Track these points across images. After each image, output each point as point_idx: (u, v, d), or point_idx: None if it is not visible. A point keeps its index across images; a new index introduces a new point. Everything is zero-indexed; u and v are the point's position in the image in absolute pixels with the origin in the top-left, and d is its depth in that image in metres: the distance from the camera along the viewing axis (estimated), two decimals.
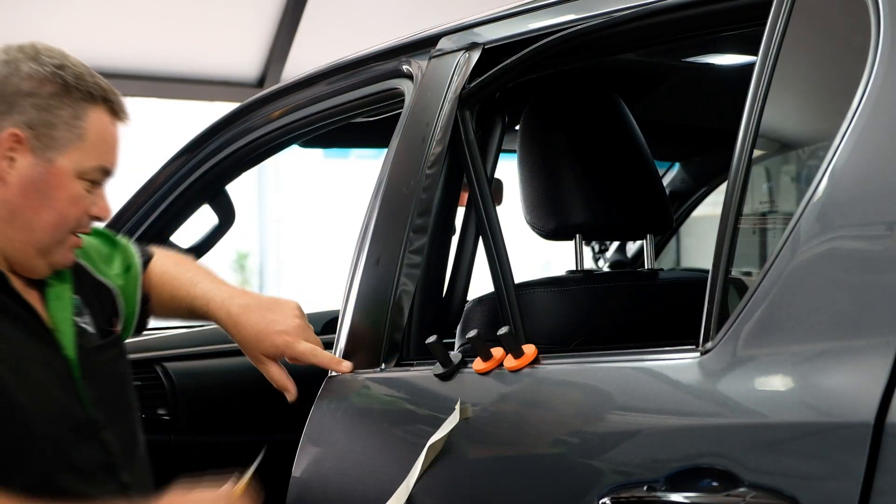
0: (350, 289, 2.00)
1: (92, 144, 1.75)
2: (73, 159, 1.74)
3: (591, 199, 2.12)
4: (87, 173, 1.76)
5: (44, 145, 1.73)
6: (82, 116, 1.75)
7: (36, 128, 1.72)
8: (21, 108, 1.72)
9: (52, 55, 1.76)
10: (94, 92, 1.76)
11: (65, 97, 1.74)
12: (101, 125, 1.77)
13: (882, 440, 1.25)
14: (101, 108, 1.77)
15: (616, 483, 1.48)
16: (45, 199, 1.73)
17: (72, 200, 1.75)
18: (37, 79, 1.73)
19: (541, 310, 2.02)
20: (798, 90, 1.53)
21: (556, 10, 1.89)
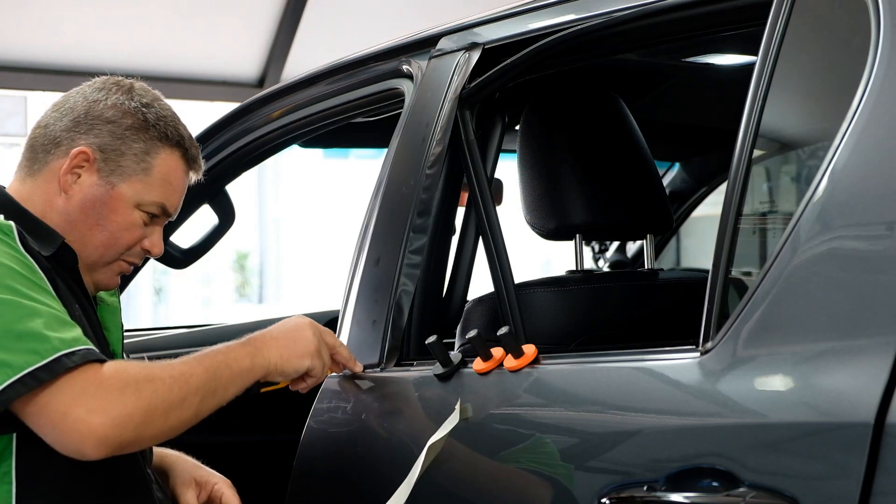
0: (350, 289, 2.00)
1: (156, 181, 1.84)
2: (135, 189, 1.82)
3: (591, 199, 2.12)
4: (145, 206, 1.84)
5: (109, 169, 1.81)
6: (153, 153, 1.83)
7: (106, 152, 1.81)
8: (98, 132, 1.81)
9: (144, 94, 1.86)
10: (170, 135, 1.85)
11: (142, 132, 1.83)
12: (168, 166, 1.85)
13: (882, 440, 1.25)
14: (175, 151, 1.86)
15: (616, 483, 1.48)
16: (100, 218, 1.81)
17: (125, 226, 1.83)
18: (121, 110, 1.83)
19: (541, 310, 2.02)
20: (798, 90, 1.53)
21: (556, 10, 1.89)
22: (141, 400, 1.62)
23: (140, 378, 1.64)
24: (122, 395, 1.61)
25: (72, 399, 1.59)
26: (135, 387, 1.62)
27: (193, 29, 6.31)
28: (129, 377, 1.63)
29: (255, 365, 1.76)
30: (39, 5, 5.84)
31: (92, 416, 1.59)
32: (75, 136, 1.81)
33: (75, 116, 1.82)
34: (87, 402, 1.59)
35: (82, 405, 1.59)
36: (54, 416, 1.59)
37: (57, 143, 1.82)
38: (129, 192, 1.82)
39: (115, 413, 1.60)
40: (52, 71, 6.03)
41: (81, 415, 1.59)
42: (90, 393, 1.60)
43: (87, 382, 1.60)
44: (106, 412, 1.59)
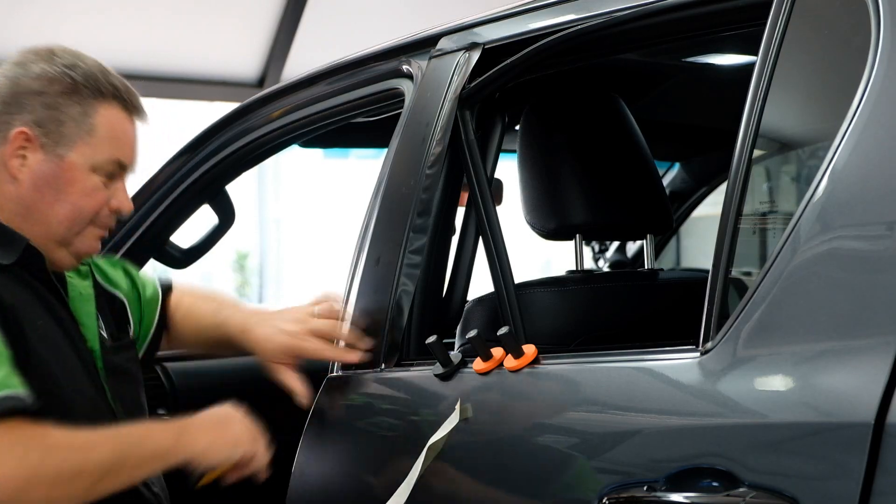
0: (350, 289, 2.00)
1: (102, 139, 1.79)
2: (84, 154, 1.77)
3: (591, 199, 2.12)
4: (100, 167, 1.79)
5: (53, 142, 1.76)
6: (91, 113, 1.78)
7: (45, 125, 1.76)
8: (30, 108, 1.76)
9: (65, 56, 1.80)
10: (103, 89, 1.79)
11: (73, 95, 1.77)
12: (112, 120, 1.80)
13: (882, 440, 1.25)
14: (113, 104, 1.80)
15: (616, 483, 1.48)
16: (58, 193, 1.77)
17: (86, 193, 1.78)
18: (46, 78, 1.77)
19: (541, 310, 2.02)
20: (798, 90, 1.53)
21: (556, 10, 1.89)
22: (23, 465, 1.55)
23: (34, 442, 1.57)
24: (6, 456, 1.54)
25: None
26: (23, 449, 1.55)
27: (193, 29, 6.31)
28: (22, 437, 1.56)
29: (176, 447, 1.69)
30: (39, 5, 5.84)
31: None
32: (8, 118, 1.76)
33: (2, 99, 1.76)
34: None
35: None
36: None
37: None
38: (80, 158, 1.77)
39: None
40: None
41: None
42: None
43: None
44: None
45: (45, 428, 1.60)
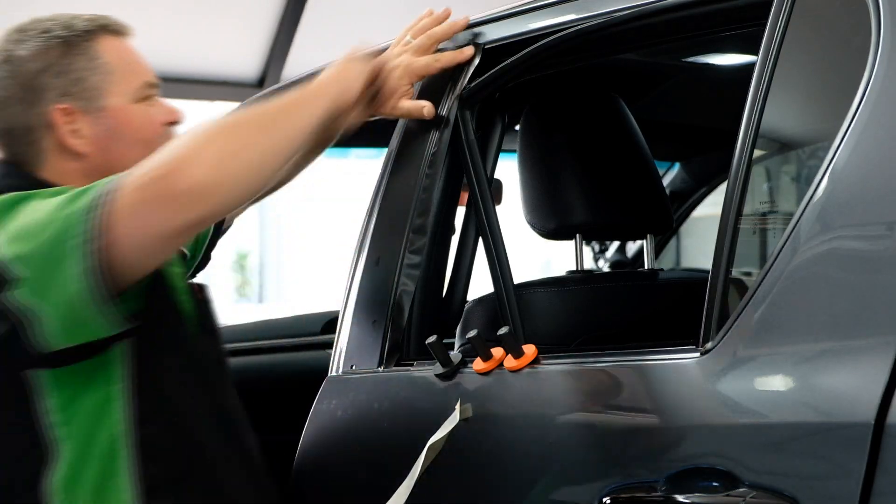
0: (350, 289, 2.00)
1: (121, 70, 1.78)
2: (119, 92, 1.77)
3: (591, 199, 2.12)
4: (137, 94, 1.79)
5: (88, 100, 1.75)
6: (95, 55, 1.77)
7: (70, 91, 1.75)
8: (47, 86, 1.74)
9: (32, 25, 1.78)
10: (88, 28, 1.78)
11: (71, 49, 1.76)
12: (116, 49, 1.80)
13: (882, 440, 1.25)
14: (104, 36, 1.79)
15: (616, 483, 1.48)
16: (124, 140, 1.77)
17: (144, 123, 1.79)
18: (39, 52, 1.75)
19: (541, 310, 2.02)
20: (798, 90, 1.53)
21: (556, 10, 1.89)
22: (225, 142, 1.57)
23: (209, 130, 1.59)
24: (202, 147, 1.55)
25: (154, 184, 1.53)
26: (208, 136, 1.57)
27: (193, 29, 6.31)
28: (194, 135, 1.58)
29: (320, 89, 1.72)
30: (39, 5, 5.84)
31: (187, 178, 1.52)
32: (38, 109, 1.74)
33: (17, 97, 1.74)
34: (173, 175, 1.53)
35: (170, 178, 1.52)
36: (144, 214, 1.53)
37: (28, 128, 1.75)
38: (119, 98, 1.77)
39: (205, 162, 1.54)
40: None
41: (177, 183, 1.52)
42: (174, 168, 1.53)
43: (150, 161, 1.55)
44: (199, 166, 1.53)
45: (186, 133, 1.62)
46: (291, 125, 1.67)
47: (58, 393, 1.63)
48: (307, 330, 3.37)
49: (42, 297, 1.56)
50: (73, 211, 1.56)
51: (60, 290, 1.55)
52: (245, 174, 1.59)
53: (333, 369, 1.99)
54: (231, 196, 1.58)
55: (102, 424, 1.64)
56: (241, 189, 1.59)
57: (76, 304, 1.55)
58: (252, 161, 1.60)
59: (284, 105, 1.69)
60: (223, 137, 1.59)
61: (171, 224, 1.55)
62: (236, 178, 1.58)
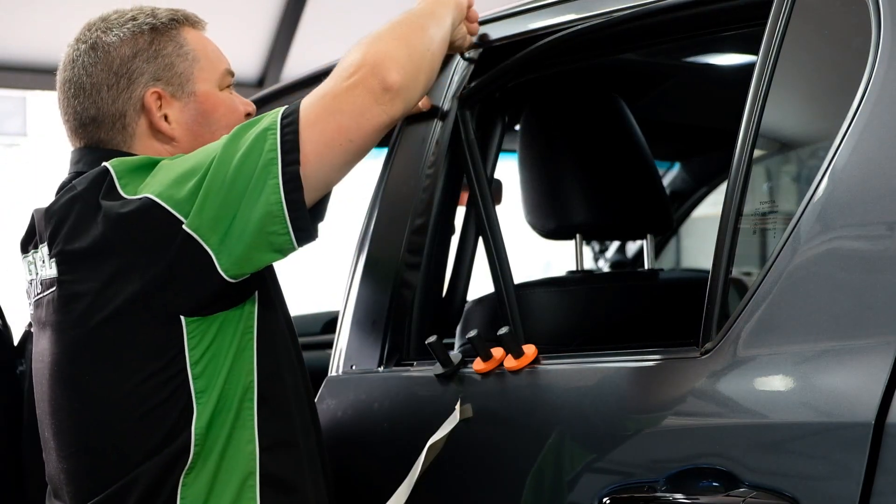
0: (350, 289, 2.00)
1: (206, 58, 1.82)
2: (206, 79, 1.81)
3: (591, 199, 2.12)
4: (221, 82, 1.83)
5: (178, 86, 1.79)
6: (182, 42, 1.81)
7: (161, 76, 1.78)
8: (138, 71, 1.77)
9: (118, 16, 1.80)
10: (174, 17, 1.82)
11: (160, 37, 1.79)
12: (198, 39, 1.84)
13: (882, 440, 1.25)
14: (185, 27, 1.83)
15: (616, 483, 1.48)
16: (211, 125, 1.80)
17: (229, 109, 1.83)
18: (128, 39, 1.78)
19: (541, 310, 2.02)
20: (798, 90, 1.53)
21: (556, 10, 1.89)
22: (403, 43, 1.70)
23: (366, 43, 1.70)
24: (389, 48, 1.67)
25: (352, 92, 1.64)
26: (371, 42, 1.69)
27: None
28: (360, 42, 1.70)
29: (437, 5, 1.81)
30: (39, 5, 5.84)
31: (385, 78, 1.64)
32: (128, 94, 1.76)
33: (108, 83, 1.76)
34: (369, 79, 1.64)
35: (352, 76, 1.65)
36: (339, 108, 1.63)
37: (120, 113, 1.77)
38: (206, 84, 1.80)
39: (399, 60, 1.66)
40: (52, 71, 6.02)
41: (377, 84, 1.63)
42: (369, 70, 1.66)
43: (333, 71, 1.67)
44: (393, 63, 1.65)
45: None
46: (440, 26, 1.78)
47: (198, 343, 1.66)
48: (307, 330, 3.37)
49: (225, 222, 1.60)
50: (253, 137, 1.62)
51: (250, 209, 1.60)
52: (427, 71, 1.74)
53: (333, 369, 1.99)
54: (420, 92, 1.73)
55: (235, 376, 1.67)
56: (425, 85, 1.75)
57: (266, 221, 1.60)
58: (432, 58, 1.74)
59: (425, 11, 1.79)
60: (404, 40, 1.71)
61: (375, 122, 1.66)
62: (423, 73, 1.72)
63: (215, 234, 1.60)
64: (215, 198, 1.60)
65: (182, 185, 1.62)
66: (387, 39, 1.69)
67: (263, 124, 1.63)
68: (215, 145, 1.65)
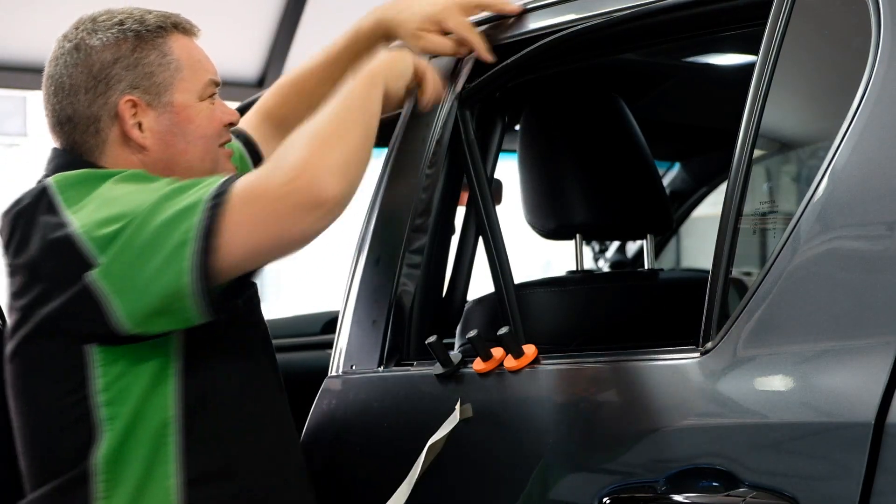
0: (350, 289, 2.00)
1: (190, 68, 1.81)
2: (185, 89, 1.80)
3: (591, 199, 2.12)
4: (202, 93, 1.82)
5: (156, 94, 1.78)
6: (167, 51, 1.80)
7: (139, 85, 1.77)
8: (116, 77, 1.76)
9: (106, 17, 1.80)
10: (161, 24, 1.81)
11: (143, 44, 1.78)
12: (184, 48, 1.83)
13: (882, 440, 1.25)
14: (174, 34, 1.82)
15: (616, 483, 1.48)
16: (185, 136, 1.79)
17: (206, 121, 1.81)
18: (111, 45, 1.77)
19: (541, 310, 2.02)
20: (798, 90, 1.53)
21: (556, 10, 1.89)
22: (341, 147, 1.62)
23: (304, 136, 1.63)
24: (323, 152, 1.61)
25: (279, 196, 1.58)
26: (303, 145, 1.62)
27: None
28: (295, 142, 1.62)
29: (372, 77, 1.75)
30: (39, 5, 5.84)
31: (320, 189, 1.58)
32: (104, 99, 1.76)
33: (85, 86, 1.76)
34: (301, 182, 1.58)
35: (289, 184, 1.58)
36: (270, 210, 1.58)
37: (95, 117, 1.76)
38: (184, 95, 1.79)
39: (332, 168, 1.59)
40: None
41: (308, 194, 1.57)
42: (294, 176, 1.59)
43: (266, 170, 1.61)
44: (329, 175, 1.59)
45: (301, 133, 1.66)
46: (371, 116, 1.73)
47: (108, 371, 1.65)
48: (307, 330, 3.37)
49: (129, 283, 1.59)
50: (179, 209, 1.59)
51: (155, 282, 1.58)
52: (359, 175, 1.67)
53: (333, 369, 1.99)
54: (351, 198, 1.66)
55: (152, 407, 1.66)
56: (356, 190, 1.67)
57: (168, 298, 1.59)
58: (362, 161, 1.67)
59: (353, 101, 1.72)
60: (337, 144, 1.63)
61: (304, 233, 1.61)
62: (356, 180, 1.66)
63: (118, 291, 1.60)
64: (127, 257, 1.59)
65: (106, 225, 1.61)
66: (330, 143, 1.63)
67: (192, 198, 1.60)
68: (148, 196, 1.63)
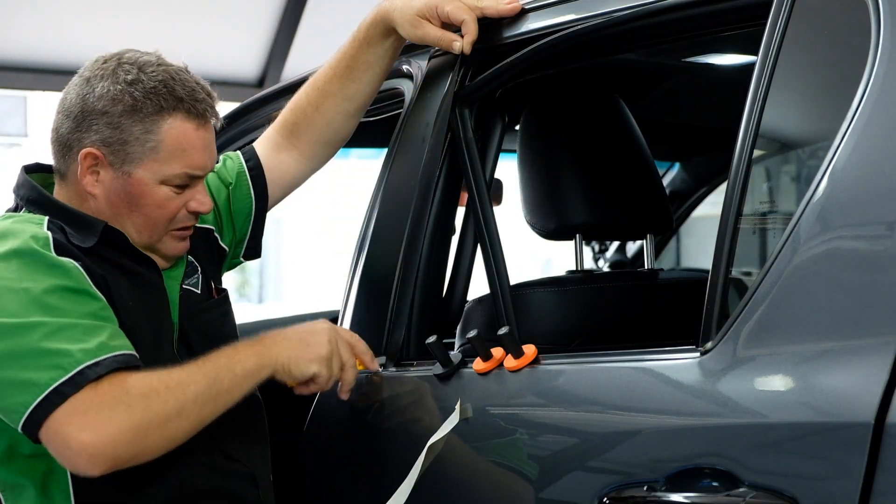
0: (350, 289, 2.00)
1: (169, 154, 1.79)
2: (151, 169, 1.79)
3: (591, 199, 2.12)
4: (169, 180, 1.80)
5: (120, 160, 1.79)
6: (154, 130, 1.78)
7: (111, 145, 1.78)
8: (97, 128, 1.78)
9: (130, 70, 1.79)
10: (165, 104, 1.78)
11: (135, 114, 1.78)
12: (177, 133, 1.79)
13: (882, 440, 1.25)
14: (177, 116, 1.79)
15: (616, 483, 1.48)
16: (131, 206, 1.81)
17: (157, 205, 1.81)
18: (109, 97, 1.78)
19: (541, 310, 2.02)
20: (798, 90, 1.53)
21: (556, 10, 1.89)
22: (132, 417, 1.60)
23: (134, 393, 1.61)
24: (113, 412, 1.60)
25: (66, 417, 1.59)
26: (127, 403, 1.60)
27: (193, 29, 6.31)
28: (122, 392, 1.61)
29: (262, 364, 1.72)
30: (39, 5, 5.84)
31: (83, 435, 1.59)
32: (80, 136, 1.79)
33: (74, 116, 1.80)
34: (79, 420, 1.59)
35: (75, 423, 1.59)
36: (50, 432, 1.60)
37: (69, 146, 1.81)
38: (147, 174, 1.79)
39: (106, 431, 1.59)
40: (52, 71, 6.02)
41: (73, 432, 1.59)
42: (82, 411, 1.59)
43: (85, 399, 1.60)
44: (97, 430, 1.59)
45: (141, 375, 1.65)
46: (220, 407, 1.70)
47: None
48: None
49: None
50: (32, 370, 1.61)
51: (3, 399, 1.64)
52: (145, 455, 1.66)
53: None
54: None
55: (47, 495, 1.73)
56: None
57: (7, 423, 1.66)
58: (162, 446, 1.66)
59: (223, 385, 1.69)
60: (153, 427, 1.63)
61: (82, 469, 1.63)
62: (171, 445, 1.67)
63: None
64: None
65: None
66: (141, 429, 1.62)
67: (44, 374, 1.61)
68: (21, 305, 1.65)
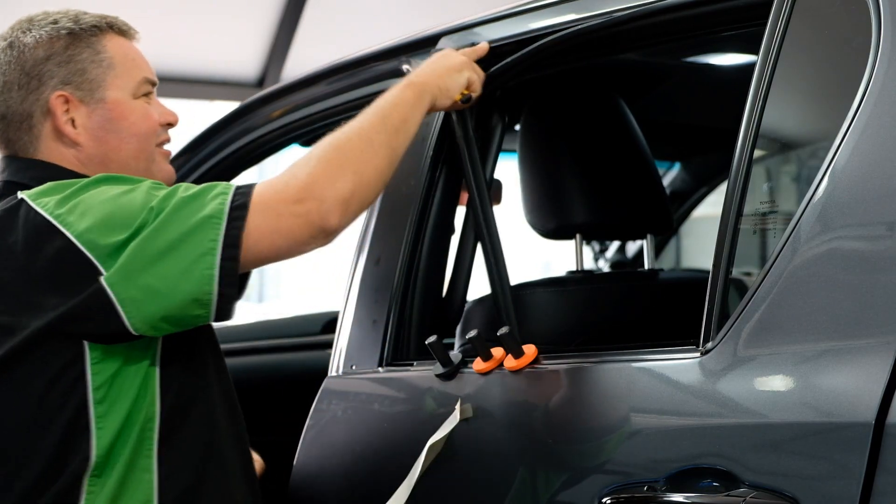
0: (350, 289, 2.00)
1: (123, 66, 1.83)
2: (119, 86, 1.81)
3: (591, 199, 2.12)
4: (137, 90, 1.83)
5: (88, 91, 1.80)
6: (101, 49, 1.81)
7: (71, 81, 1.79)
8: (49, 74, 1.78)
9: (44, 18, 1.82)
10: (96, 24, 1.83)
11: (77, 42, 1.80)
12: (119, 47, 1.84)
13: (882, 440, 1.25)
14: (110, 33, 1.84)
15: (616, 483, 1.48)
16: (119, 133, 1.81)
17: (141, 118, 1.83)
18: (45, 41, 1.79)
19: (541, 310, 2.02)
20: (798, 90, 1.53)
21: (556, 10, 1.89)
22: (329, 166, 1.65)
23: (313, 155, 1.67)
24: (299, 173, 1.64)
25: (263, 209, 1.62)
26: (314, 163, 1.66)
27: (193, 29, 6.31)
28: (304, 161, 1.66)
29: (421, 92, 1.79)
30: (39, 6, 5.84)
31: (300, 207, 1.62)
32: (37, 95, 1.78)
33: (19, 82, 1.78)
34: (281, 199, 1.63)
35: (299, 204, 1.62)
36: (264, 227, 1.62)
37: (29, 114, 1.78)
38: (118, 93, 1.81)
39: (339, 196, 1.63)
40: None
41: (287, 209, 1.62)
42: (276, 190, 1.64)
43: (264, 193, 1.64)
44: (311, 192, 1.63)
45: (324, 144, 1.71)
46: (404, 139, 1.76)
47: (101, 370, 1.67)
48: (307, 330, 3.37)
49: (145, 289, 1.61)
50: (197, 219, 1.61)
51: (176, 289, 1.61)
52: (367, 204, 1.71)
53: (333, 369, 1.99)
54: (355, 218, 1.71)
55: (140, 405, 1.68)
56: (359, 216, 1.72)
57: (188, 304, 1.62)
58: (374, 191, 1.71)
59: (389, 120, 1.75)
60: (354, 169, 1.67)
61: (303, 249, 1.68)
62: (362, 210, 1.70)
63: (132, 298, 1.61)
64: (142, 265, 1.61)
65: (106, 233, 1.62)
66: (346, 168, 1.67)
67: (210, 209, 1.63)
68: (146, 197, 1.65)
